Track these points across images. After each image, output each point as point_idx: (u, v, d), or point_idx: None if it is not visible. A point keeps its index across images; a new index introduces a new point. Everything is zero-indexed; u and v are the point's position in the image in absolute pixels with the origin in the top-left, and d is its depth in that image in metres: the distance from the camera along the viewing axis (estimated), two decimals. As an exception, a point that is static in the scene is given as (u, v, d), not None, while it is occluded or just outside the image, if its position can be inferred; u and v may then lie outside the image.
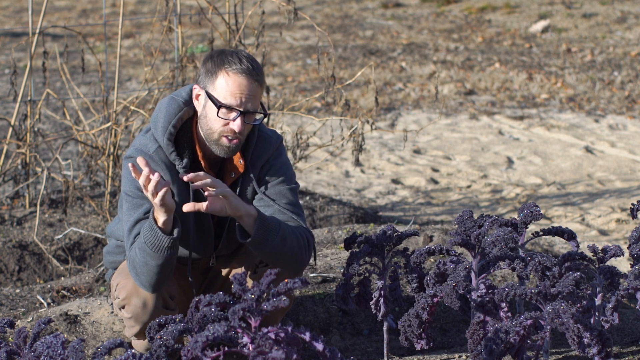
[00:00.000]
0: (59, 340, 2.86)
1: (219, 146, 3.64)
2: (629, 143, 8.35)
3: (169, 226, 3.53)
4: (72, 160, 7.31)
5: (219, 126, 3.60)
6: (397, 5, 14.73)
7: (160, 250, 3.53)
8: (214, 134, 3.63)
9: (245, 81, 3.57)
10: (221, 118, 3.59)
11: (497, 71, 10.79)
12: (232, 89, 3.57)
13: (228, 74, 3.57)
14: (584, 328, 3.14)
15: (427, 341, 3.54)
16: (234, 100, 3.57)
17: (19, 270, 5.60)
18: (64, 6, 15.18)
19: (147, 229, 3.53)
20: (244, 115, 3.59)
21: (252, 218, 3.58)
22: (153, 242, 3.52)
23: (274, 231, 3.60)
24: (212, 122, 3.61)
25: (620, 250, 3.68)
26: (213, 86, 3.60)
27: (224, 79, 3.58)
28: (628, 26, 12.79)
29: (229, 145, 3.63)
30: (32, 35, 5.92)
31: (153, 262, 3.56)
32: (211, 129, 3.63)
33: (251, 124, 3.65)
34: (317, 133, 8.06)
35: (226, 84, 3.58)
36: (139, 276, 3.61)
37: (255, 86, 3.59)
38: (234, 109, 3.58)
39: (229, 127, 3.59)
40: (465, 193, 7.26)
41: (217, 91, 3.59)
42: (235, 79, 3.57)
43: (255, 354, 2.69)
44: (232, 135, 3.61)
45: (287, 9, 5.88)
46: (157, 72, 9.56)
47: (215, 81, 3.59)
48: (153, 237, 3.52)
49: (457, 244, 3.51)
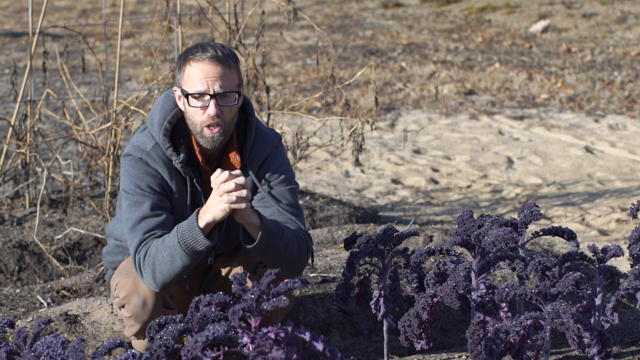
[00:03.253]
0: (59, 340, 2.86)
1: (204, 138, 3.66)
2: (629, 143, 8.35)
3: (209, 229, 3.55)
4: (72, 160, 7.31)
5: (199, 117, 3.62)
6: (397, 5, 14.73)
7: (193, 252, 3.54)
8: (197, 127, 3.65)
9: (207, 66, 3.59)
10: (196, 107, 3.60)
11: (497, 71, 10.79)
12: (198, 75, 3.59)
13: (191, 64, 3.61)
14: (584, 328, 3.14)
15: (427, 341, 3.54)
16: (202, 86, 3.59)
17: (19, 270, 5.60)
18: (64, 6, 15.18)
19: (185, 228, 3.54)
20: (217, 99, 3.60)
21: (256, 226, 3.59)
22: (188, 243, 3.53)
23: (277, 237, 3.61)
24: (192, 115, 3.64)
25: (620, 250, 3.68)
26: (183, 81, 3.64)
27: (188, 70, 3.62)
28: (628, 26, 12.79)
29: (212, 135, 3.64)
30: (32, 35, 5.92)
31: (180, 262, 3.56)
32: (194, 122, 3.65)
33: (230, 106, 3.64)
34: (317, 133, 8.06)
35: (191, 73, 3.61)
36: (155, 273, 3.60)
37: (220, 68, 3.60)
38: (204, 94, 3.59)
39: (206, 114, 3.61)
40: (465, 193, 7.26)
41: (186, 84, 3.63)
42: (199, 66, 3.59)
43: (255, 354, 2.69)
44: (211, 122, 3.61)
45: (287, 9, 5.89)
46: (157, 72, 9.56)
47: (184, 75, 3.64)
48: (190, 237, 3.52)
49: (457, 244, 3.51)
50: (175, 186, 3.71)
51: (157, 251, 3.58)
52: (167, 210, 3.70)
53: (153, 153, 3.69)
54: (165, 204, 3.70)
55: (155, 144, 3.70)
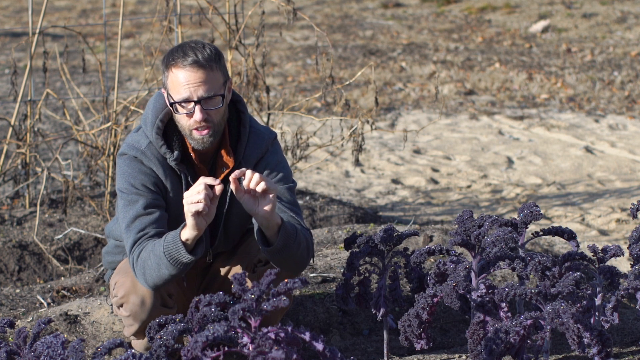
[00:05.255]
0: (59, 340, 2.86)
1: (194, 140, 3.66)
2: (629, 143, 8.35)
3: (192, 244, 3.53)
4: (72, 160, 7.31)
5: (186, 122, 3.63)
6: (397, 5, 14.73)
7: (178, 264, 3.53)
8: (186, 130, 3.65)
9: (188, 73, 3.57)
10: (181, 114, 3.60)
11: (497, 71, 10.79)
12: (180, 83, 3.58)
13: (172, 70, 3.60)
14: (584, 328, 3.14)
15: (427, 341, 3.54)
16: (185, 93, 3.58)
17: (19, 270, 5.60)
18: (64, 6, 15.18)
19: (169, 240, 3.53)
20: (201, 104, 3.59)
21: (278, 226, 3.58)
22: (173, 254, 3.52)
23: (292, 236, 3.60)
24: (179, 120, 3.65)
25: (620, 250, 3.68)
26: (167, 86, 3.64)
27: (171, 77, 3.61)
28: (628, 26, 12.79)
29: (202, 137, 3.64)
30: (32, 35, 5.92)
31: (166, 271, 3.56)
32: (182, 126, 3.66)
33: (216, 109, 3.63)
34: (317, 133, 8.06)
35: (173, 81, 3.59)
36: (146, 277, 3.61)
37: (201, 73, 3.57)
38: (188, 102, 3.58)
39: (193, 119, 3.61)
40: (465, 193, 7.26)
41: (170, 90, 3.62)
42: (179, 74, 3.57)
43: (255, 354, 2.69)
44: (200, 126, 3.61)
45: (287, 9, 5.88)
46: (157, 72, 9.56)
47: (167, 81, 3.63)
48: (174, 249, 3.52)
49: (457, 244, 3.51)
50: (170, 184, 3.72)
51: (147, 257, 3.58)
52: (161, 208, 3.69)
53: (147, 151, 3.70)
54: (160, 202, 3.70)
55: (149, 143, 3.71)
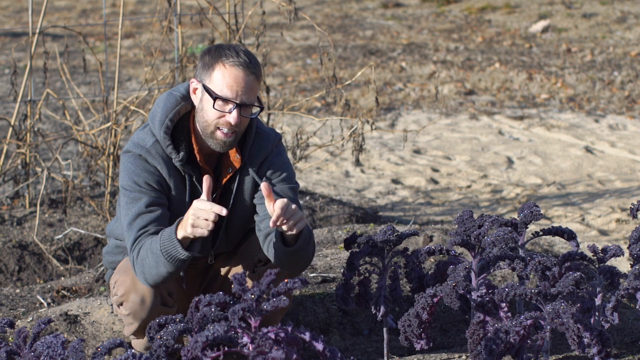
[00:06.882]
0: (59, 340, 2.86)
1: (214, 140, 3.65)
2: (629, 143, 8.35)
3: (187, 242, 3.54)
4: (72, 160, 7.31)
5: (215, 118, 3.62)
6: (397, 5, 14.73)
7: (175, 260, 3.53)
8: (210, 127, 3.64)
9: (241, 74, 3.58)
10: (218, 110, 3.60)
11: (497, 71, 10.79)
12: (228, 81, 3.58)
13: (225, 66, 3.59)
14: (584, 328, 3.14)
15: (427, 341, 3.54)
16: (230, 93, 3.59)
17: (19, 270, 5.60)
18: (64, 6, 15.18)
19: (165, 237, 3.53)
20: (240, 108, 3.60)
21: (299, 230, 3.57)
22: (169, 251, 3.52)
23: (307, 238, 3.62)
24: (209, 114, 3.63)
25: (620, 250, 3.68)
26: (210, 79, 3.62)
27: (220, 72, 3.60)
28: (628, 26, 12.79)
29: (225, 140, 3.64)
30: (32, 35, 5.92)
31: (164, 269, 3.56)
32: (207, 121, 3.64)
33: (248, 117, 3.65)
34: (317, 133, 8.06)
35: (223, 76, 3.59)
36: (145, 274, 3.61)
37: (251, 79, 3.60)
38: (230, 101, 3.59)
39: (224, 119, 3.61)
40: (465, 193, 7.26)
41: (213, 84, 3.61)
42: (232, 72, 3.58)
43: (255, 354, 2.69)
44: (228, 129, 3.62)
45: (287, 9, 5.89)
46: (157, 72, 9.56)
47: (212, 74, 3.61)
48: (171, 246, 3.51)
49: (457, 244, 3.51)
50: (173, 183, 3.71)
51: (145, 254, 3.59)
52: (163, 206, 3.70)
53: (152, 150, 3.70)
54: (162, 201, 3.70)
55: (155, 141, 3.71)
